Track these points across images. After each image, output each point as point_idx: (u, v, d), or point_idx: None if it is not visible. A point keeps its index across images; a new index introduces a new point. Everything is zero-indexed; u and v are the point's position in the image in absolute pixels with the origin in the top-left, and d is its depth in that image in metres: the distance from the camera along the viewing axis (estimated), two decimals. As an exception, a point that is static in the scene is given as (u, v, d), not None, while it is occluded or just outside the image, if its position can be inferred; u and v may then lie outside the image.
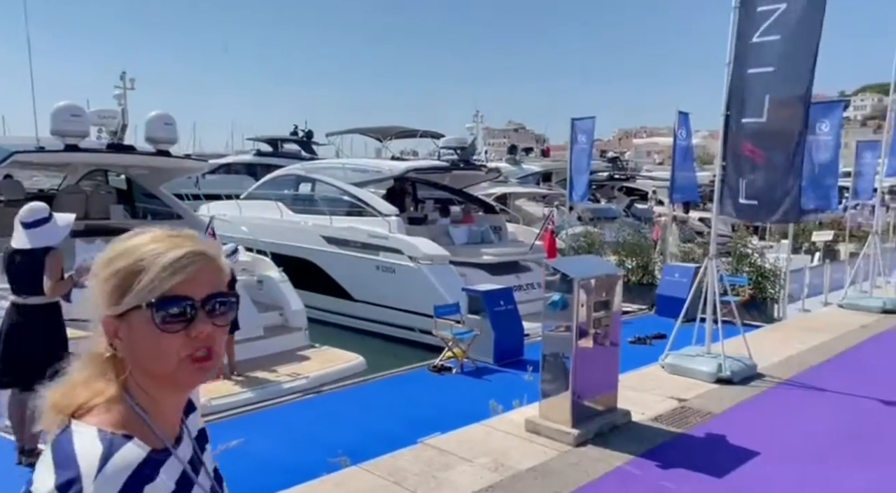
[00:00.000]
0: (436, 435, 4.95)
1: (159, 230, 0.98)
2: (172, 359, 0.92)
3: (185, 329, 0.92)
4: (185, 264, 0.93)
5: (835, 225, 16.63)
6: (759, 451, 4.65)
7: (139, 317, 0.92)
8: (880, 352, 7.44)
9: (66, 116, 8.20)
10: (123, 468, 0.86)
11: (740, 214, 6.85)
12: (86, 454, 0.85)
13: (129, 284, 0.92)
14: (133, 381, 0.95)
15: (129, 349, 0.94)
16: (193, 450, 1.04)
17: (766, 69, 6.12)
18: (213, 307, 0.95)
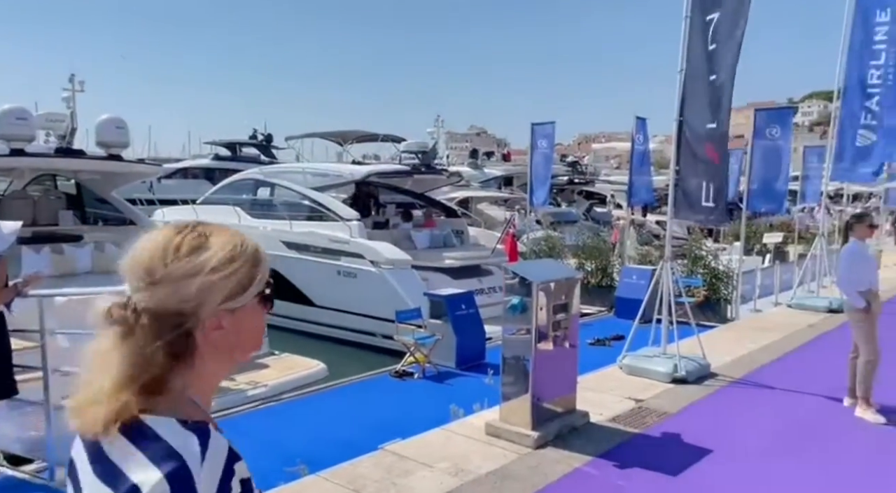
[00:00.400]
0: (396, 441, 4.93)
1: (216, 225, 1.04)
2: (261, 331, 1.06)
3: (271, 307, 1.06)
4: (263, 253, 1.05)
5: (784, 227, 17.24)
6: (712, 449, 4.78)
7: (254, 302, 1.01)
8: (825, 350, 7.73)
9: (11, 120, 7.92)
10: (221, 450, 0.92)
11: (700, 218, 7.05)
12: (183, 444, 0.90)
13: (252, 276, 1.00)
14: (192, 374, 0.97)
15: (235, 335, 0.99)
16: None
17: (721, 76, 6.33)
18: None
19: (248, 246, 1.02)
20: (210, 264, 0.96)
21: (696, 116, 6.62)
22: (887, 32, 9.70)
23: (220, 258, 0.97)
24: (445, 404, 5.97)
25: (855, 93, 10.00)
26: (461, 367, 8.05)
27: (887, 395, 5.65)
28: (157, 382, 0.94)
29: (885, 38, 9.74)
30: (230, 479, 0.92)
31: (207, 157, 28.00)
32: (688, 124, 6.70)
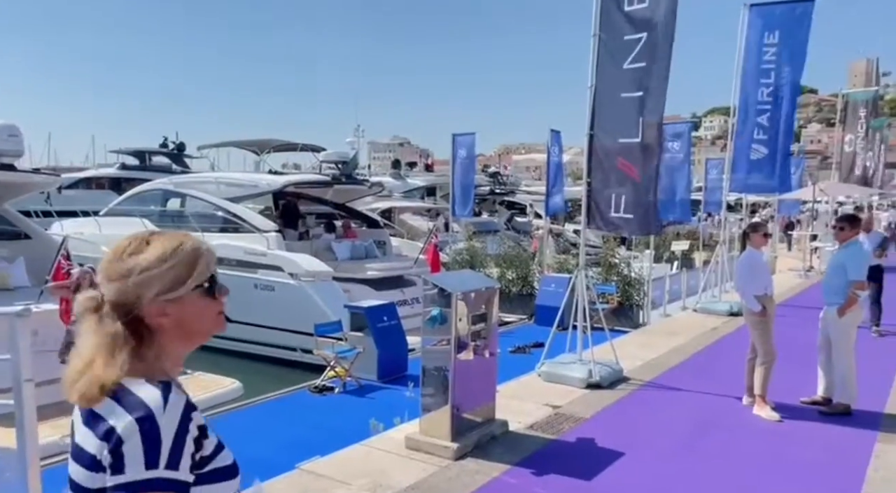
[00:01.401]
0: (314, 459, 4.80)
1: (151, 231, 1.31)
2: (212, 317, 1.29)
3: (220, 297, 1.29)
4: (213, 255, 1.30)
5: (691, 235, 18.26)
6: (625, 451, 4.95)
7: (196, 293, 1.25)
8: (727, 352, 8.20)
9: None
10: (178, 402, 1.16)
11: (611, 228, 7.29)
12: (150, 397, 1.14)
13: (189, 272, 1.23)
14: (158, 348, 1.23)
15: (179, 321, 1.24)
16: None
17: (636, 94, 6.59)
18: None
19: (185, 247, 1.25)
20: (141, 264, 1.21)
21: (607, 130, 6.86)
22: (775, 53, 10.51)
23: (150, 260, 1.22)
24: (366, 419, 5.88)
25: (748, 109, 10.77)
26: (383, 380, 7.96)
27: (783, 393, 6.05)
28: (135, 353, 1.20)
29: (773, 58, 10.55)
30: (188, 423, 1.15)
31: (113, 166, 26.49)
32: (599, 138, 6.95)
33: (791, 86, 10.57)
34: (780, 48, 10.49)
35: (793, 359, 6.70)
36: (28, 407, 3.11)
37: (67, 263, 7.05)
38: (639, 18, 6.52)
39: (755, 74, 10.68)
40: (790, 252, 21.95)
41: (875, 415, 5.79)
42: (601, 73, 6.84)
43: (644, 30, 6.48)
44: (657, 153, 6.74)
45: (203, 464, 1.19)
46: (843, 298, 5.82)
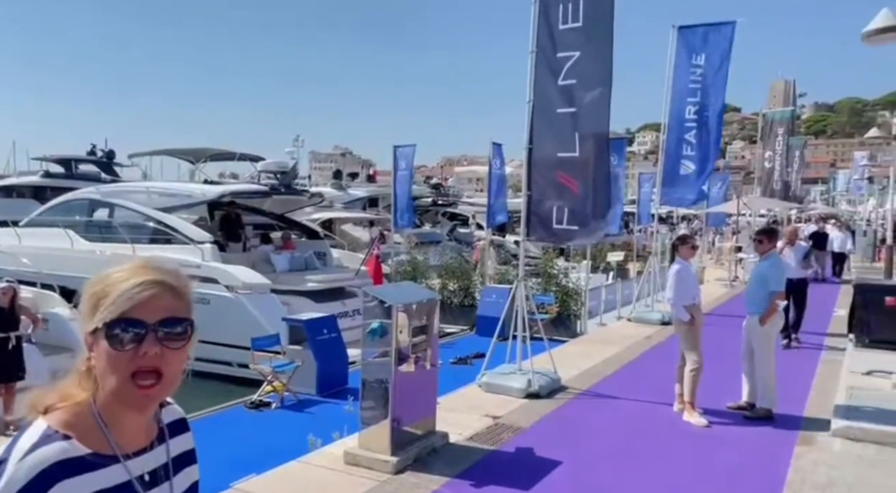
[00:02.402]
0: (250, 477, 4.68)
1: (141, 261, 1.12)
2: (120, 376, 1.03)
3: (134, 349, 1.03)
4: (140, 291, 1.04)
5: (625, 246, 18.85)
6: (562, 459, 5.04)
7: (101, 335, 1.04)
8: (659, 360, 8.49)
9: None
10: (40, 460, 0.99)
11: (555, 239, 7.44)
12: (22, 444, 1.01)
13: (98, 306, 1.05)
14: (101, 392, 1.07)
15: (97, 364, 1.06)
16: (164, 466, 1.16)
17: (570, 110, 6.78)
18: (163, 331, 1.05)
19: (108, 277, 1.08)
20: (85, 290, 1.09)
21: (546, 144, 7.03)
22: (702, 74, 11.07)
23: (88, 283, 1.10)
24: (304, 435, 5.76)
25: (676, 126, 11.28)
26: (322, 394, 7.84)
27: (710, 399, 6.32)
28: (71, 394, 1.07)
29: (700, 78, 11.11)
30: (45, 486, 0.98)
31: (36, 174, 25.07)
32: (537, 152, 7.11)
33: (716, 105, 11.15)
34: (706, 68, 11.06)
35: (720, 366, 7.01)
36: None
37: (-17, 276, 6.64)
38: (574, 36, 6.73)
39: (683, 93, 11.20)
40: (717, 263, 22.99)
41: (795, 419, 6.12)
42: (539, 89, 7.01)
43: (577, 48, 6.69)
44: (597, 166, 6.92)
45: None
46: (763, 307, 6.14)
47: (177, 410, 1.27)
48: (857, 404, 6.01)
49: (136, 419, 1.10)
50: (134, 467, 1.09)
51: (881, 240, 20.66)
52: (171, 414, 1.24)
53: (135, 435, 1.11)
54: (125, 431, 1.09)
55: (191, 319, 1.11)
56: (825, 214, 32.73)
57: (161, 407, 1.22)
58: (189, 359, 1.11)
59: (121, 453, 1.07)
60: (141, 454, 1.12)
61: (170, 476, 1.16)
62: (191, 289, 1.14)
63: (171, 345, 1.06)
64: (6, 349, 6.40)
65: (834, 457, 5.13)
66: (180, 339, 1.07)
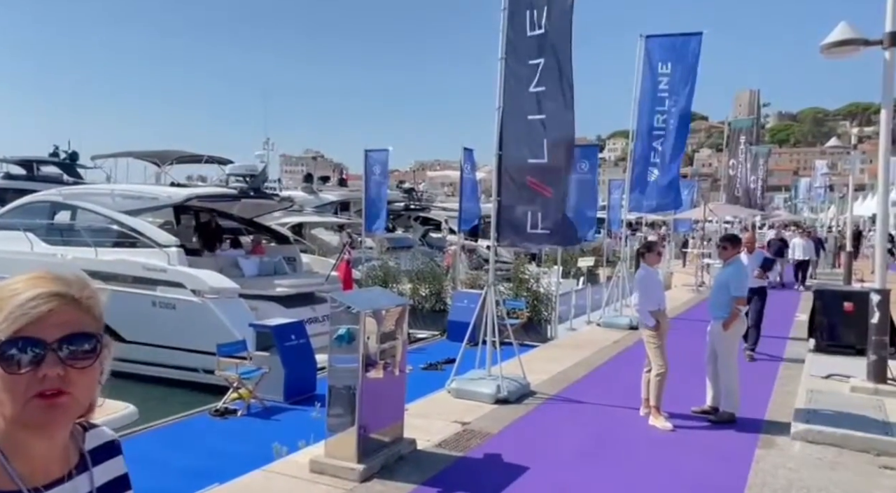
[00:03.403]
0: (213, 487, 4.59)
1: (39, 272, 0.98)
2: (19, 400, 0.91)
3: (32, 371, 0.91)
4: (36, 305, 0.92)
5: (596, 252, 19.07)
6: (529, 465, 5.05)
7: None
8: (626, 365, 8.58)
9: None
10: None
11: (529, 243, 7.48)
12: None
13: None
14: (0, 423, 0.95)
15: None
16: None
17: (540, 116, 6.84)
18: (67, 349, 0.94)
19: (2, 292, 0.96)
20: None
21: (516, 150, 7.08)
22: (668, 82, 11.28)
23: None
24: (269, 443, 5.67)
25: (645, 134, 11.47)
26: (290, 400, 7.73)
27: (675, 403, 6.40)
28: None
29: (667, 87, 11.32)
30: None
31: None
32: (508, 157, 7.16)
33: (682, 113, 11.37)
34: (673, 77, 11.28)
35: (685, 370, 7.12)
36: None
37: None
38: (538, 44, 6.80)
39: (651, 102, 11.41)
40: (685, 268, 23.41)
41: (756, 422, 6.24)
42: (508, 96, 7.06)
43: (543, 55, 6.77)
44: (566, 172, 7.01)
45: None
46: (727, 312, 6.26)
47: (105, 433, 1.15)
48: (816, 408, 6.16)
49: (43, 445, 0.98)
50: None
51: (839, 247, 21.24)
52: (97, 438, 1.12)
53: (45, 465, 1.00)
54: (31, 461, 0.97)
55: (99, 334, 1.00)
56: (787, 221, 33.61)
57: (85, 431, 1.11)
58: (101, 380, 1.01)
59: (26, 487, 0.96)
60: (54, 486, 1.00)
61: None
62: (99, 300, 1.02)
63: (77, 364, 0.94)
64: None
65: (793, 460, 5.23)
66: (87, 357, 0.96)
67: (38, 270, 1.00)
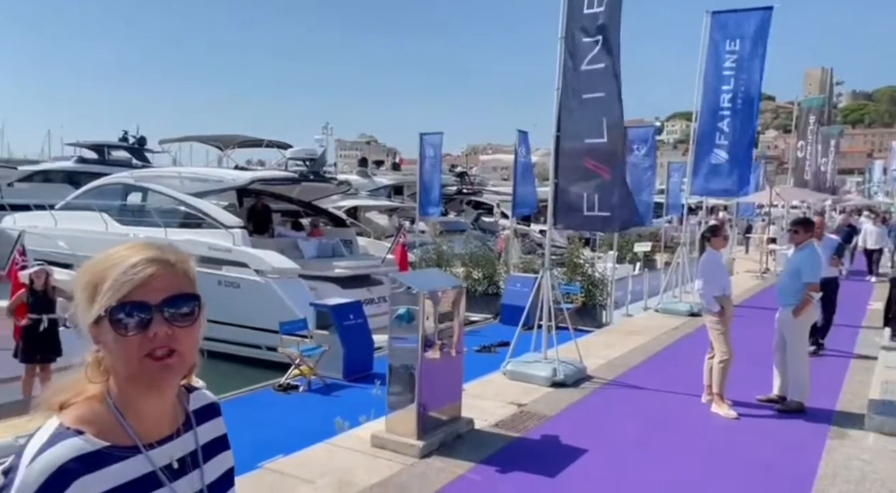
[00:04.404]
0: (278, 458, 4.76)
1: (133, 241, 1.06)
2: (133, 360, 0.98)
3: (141, 332, 0.98)
4: (138, 271, 0.99)
5: (653, 237, 18.61)
6: (587, 448, 5.03)
7: (104, 324, 0.99)
8: (686, 351, 8.40)
9: None
10: (52, 460, 0.94)
11: (586, 226, 7.40)
12: (33, 445, 0.97)
13: (96, 294, 0.99)
14: (113, 382, 1.03)
15: (105, 354, 1.01)
16: (192, 454, 1.11)
17: (598, 95, 6.72)
18: (170, 311, 1.00)
19: (102, 262, 1.02)
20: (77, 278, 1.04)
21: (573, 131, 6.98)
22: (735, 60, 10.81)
23: (78, 274, 1.04)
24: (331, 418, 5.85)
25: (709, 114, 11.04)
26: (349, 378, 7.93)
27: (739, 391, 6.23)
28: (83, 388, 1.03)
29: (733, 65, 10.85)
30: (61, 487, 0.93)
31: (70, 159, 25.69)
32: (565, 139, 7.06)
33: (750, 92, 10.89)
34: (741, 55, 10.80)
35: (749, 358, 6.91)
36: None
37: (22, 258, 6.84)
38: (596, 22, 6.67)
39: (716, 80, 10.96)
40: (747, 254, 22.59)
41: (827, 412, 6.01)
42: (567, 76, 6.95)
43: (600, 33, 6.65)
44: (622, 152, 6.89)
45: None
46: (797, 299, 6.02)
47: (206, 395, 1.22)
48: (892, 400, 5.87)
49: (155, 403, 1.05)
50: (158, 456, 1.05)
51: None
52: (199, 400, 1.19)
53: (156, 423, 1.07)
54: (144, 419, 1.04)
55: (197, 295, 1.06)
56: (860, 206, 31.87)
57: (189, 393, 1.17)
58: (200, 338, 1.07)
59: (141, 443, 1.03)
60: (165, 442, 1.07)
61: (199, 464, 1.11)
62: (192, 265, 1.08)
63: (180, 324, 1.01)
64: (39, 331, 6.59)
65: (868, 452, 5.03)
66: (188, 317, 1.03)
67: (133, 241, 1.06)
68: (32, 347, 6.51)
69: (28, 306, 6.49)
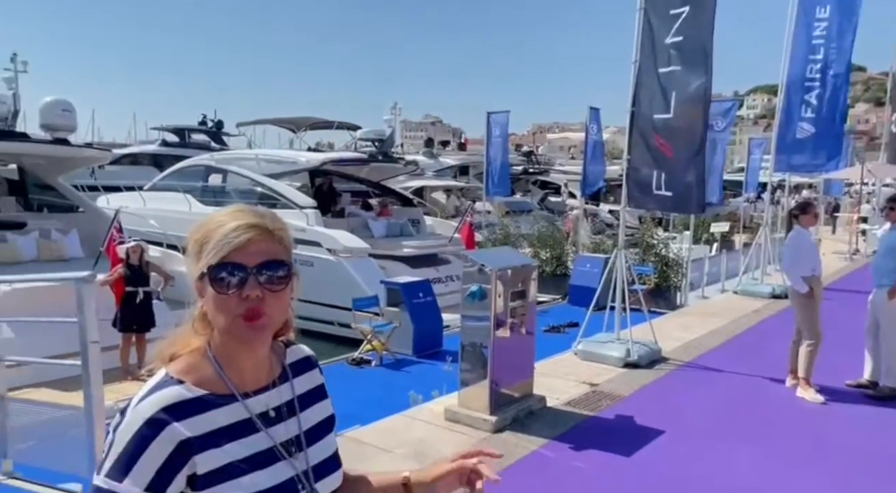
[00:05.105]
0: (355, 428, 4.92)
1: (237, 206, 1.13)
2: (228, 317, 1.05)
3: (237, 292, 1.04)
4: (238, 235, 1.05)
5: (730, 217, 17.86)
6: (664, 430, 4.94)
7: (206, 280, 1.06)
8: (769, 335, 8.07)
9: (-53, 100, 7.48)
10: (154, 403, 1.02)
11: (652, 205, 7.20)
12: (142, 391, 1.05)
13: (201, 252, 1.07)
14: (215, 336, 1.10)
15: (206, 308, 1.08)
16: (289, 403, 1.17)
17: (674, 68, 6.46)
18: (264, 274, 1.06)
19: (208, 223, 1.09)
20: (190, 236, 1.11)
21: (647, 106, 6.76)
22: (826, 28, 10.12)
23: (191, 232, 1.11)
24: (403, 391, 5.98)
25: (796, 86, 10.41)
26: (418, 354, 8.07)
27: (827, 376, 5.94)
28: (189, 341, 1.11)
29: (823, 33, 10.16)
30: (156, 430, 1.00)
31: (154, 143, 27.09)
32: (640, 115, 6.85)
33: (841, 62, 10.18)
34: (831, 22, 10.10)
35: (838, 342, 6.56)
36: (94, 368, 3.25)
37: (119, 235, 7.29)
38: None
39: (804, 50, 10.31)
40: (834, 235, 21.32)
41: (923, 400, 5.65)
42: (645, 48, 6.71)
43: (686, 3, 6.34)
44: (699, 131, 6.58)
45: (200, 484, 1.02)
46: (892, 280, 5.65)
47: (303, 349, 1.28)
48: None
49: (248, 357, 1.11)
50: (254, 404, 1.11)
51: None
52: (295, 354, 1.25)
53: (253, 374, 1.13)
54: (241, 370, 1.11)
55: (290, 262, 1.10)
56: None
57: (286, 347, 1.23)
58: (292, 304, 1.12)
59: (238, 391, 1.09)
60: (262, 392, 1.13)
61: (296, 412, 1.17)
62: (288, 233, 1.12)
63: (272, 288, 1.06)
64: (135, 302, 7.03)
65: (971, 444, 4.70)
66: (281, 283, 1.07)
67: (237, 205, 1.12)
68: (129, 317, 6.97)
69: (125, 279, 6.95)
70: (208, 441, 1.03)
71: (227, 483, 1.03)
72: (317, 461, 1.17)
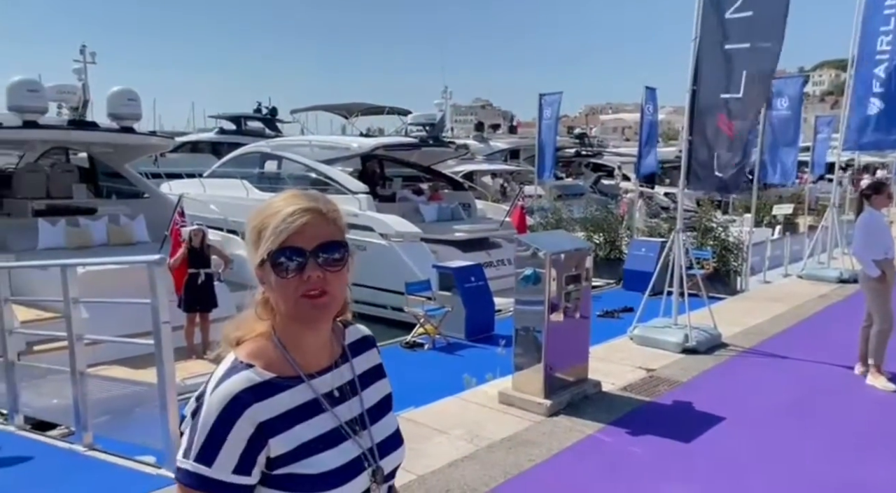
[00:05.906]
0: (411, 409, 5.00)
1: (292, 191, 1.15)
2: (290, 299, 1.08)
3: (298, 275, 1.07)
4: (294, 220, 1.08)
5: (794, 199, 17.11)
6: (724, 416, 4.82)
7: (267, 266, 1.09)
8: (836, 320, 7.74)
9: (23, 92, 7.90)
10: (228, 389, 1.06)
11: (711, 187, 7.00)
12: (215, 376, 1.10)
13: (259, 240, 1.10)
14: (279, 320, 1.13)
15: (269, 293, 1.12)
16: (350, 383, 1.21)
17: (742, 45, 6.21)
18: (322, 256, 1.09)
19: (265, 210, 1.11)
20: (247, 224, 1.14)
21: (709, 85, 6.52)
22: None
23: (247, 221, 1.13)
24: (457, 374, 6.03)
25: (866, 60, 9.82)
26: (471, 338, 8.11)
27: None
28: (254, 326, 1.15)
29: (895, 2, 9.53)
30: (234, 415, 1.05)
31: (212, 130, 27.93)
32: (700, 94, 6.62)
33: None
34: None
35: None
36: (166, 346, 3.42)
37: (182, 219, 7.58)
38: None
39: (875, 21, 9.70)
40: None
41: None
42: (705, 24, 6.46)
43: None
44: (760, 110, 6.34)
45: (274, 466, 1.07)
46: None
47: (361, 329, 1.32)
48: None
49: (312, 338, 1.15)
50: (319, 385, 1.14)
51: None
52: (354, 334, 1.29)
53: (316, 356, 1.16)
54: (305, 352, 1.14)
55: (345, 243, 1.13)
56: None
57: (345, 328, 1.27)
58: (349, 284, 1.15)
59: (304, 373, 1.13)
60: (325, 373, 1.17)
61: (357, 391, 1.21)
62: (341, 215, 1.15)
63: (331, 268, 1.09)
64: (197, 284, 7.32)
65: None
66: (338, 263, 1.10)
67: (290, 191, 1.15)
68: (192, 298, 7.26)
69: (187, 261, 7.24)
70: (281, 424, 1.07)
71: (299, 463, 1.07)
72: (380, 438, 1.21)
